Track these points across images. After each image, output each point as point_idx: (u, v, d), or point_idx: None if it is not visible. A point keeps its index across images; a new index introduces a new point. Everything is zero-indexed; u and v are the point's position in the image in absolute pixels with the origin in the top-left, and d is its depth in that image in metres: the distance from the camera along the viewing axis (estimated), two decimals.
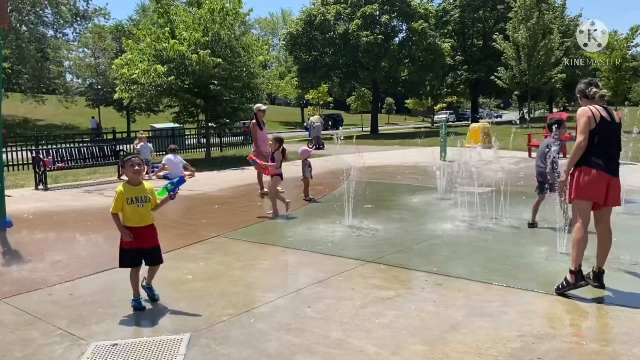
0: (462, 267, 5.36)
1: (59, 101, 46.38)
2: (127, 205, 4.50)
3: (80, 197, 10.40)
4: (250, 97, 17.25)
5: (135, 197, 4.53)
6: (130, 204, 4.51)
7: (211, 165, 15.38)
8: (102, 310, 4.45)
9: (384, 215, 8.03)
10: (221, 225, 7.59)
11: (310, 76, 36.38)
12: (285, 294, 4.71)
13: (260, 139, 10.14)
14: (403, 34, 37.17)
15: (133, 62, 15.99)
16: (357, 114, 52.23)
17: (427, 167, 12.93)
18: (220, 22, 16.15)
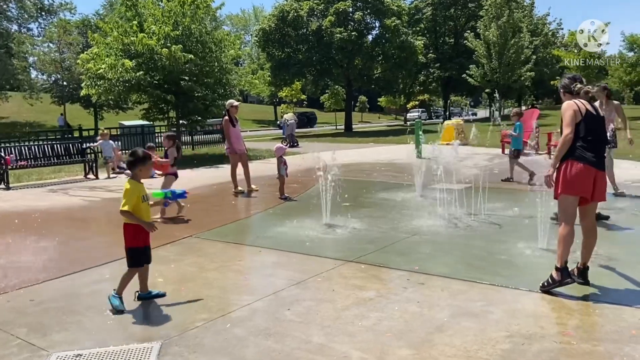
0: (443, 266, 5.22)
1: (23, 98, 44.90)
2: (141, 202, 4.33)
3: (44, 197, 9.93)
4: (223, 94, 16.86)
5: (144, 194, 4.40)
6: (143, 201, 4.37)
7: (183, 164, 14.94)
8: (66, 318, 4.15)
9: (362, 213, 7.86)
10: (193, 226, 7.31)
11: (283, 73, 36.02)
12: (263, 297, 4.49)
13: (234, 136, 9.85)
14: (376, 31, 37.18)
15: (99, 57, 15.43)
16: (330, 112, 52.09)
17: (402, 164, 12.85)
18: (191, 16, 15.73)
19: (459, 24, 51.13)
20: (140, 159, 4.34)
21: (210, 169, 14.09)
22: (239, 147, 9.90)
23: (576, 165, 4.27)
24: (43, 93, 44.71)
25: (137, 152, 4.43)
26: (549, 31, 51.15)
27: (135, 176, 4.37)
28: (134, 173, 4.39)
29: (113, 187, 11.10)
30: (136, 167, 4.34)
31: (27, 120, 45.40)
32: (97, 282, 5.04)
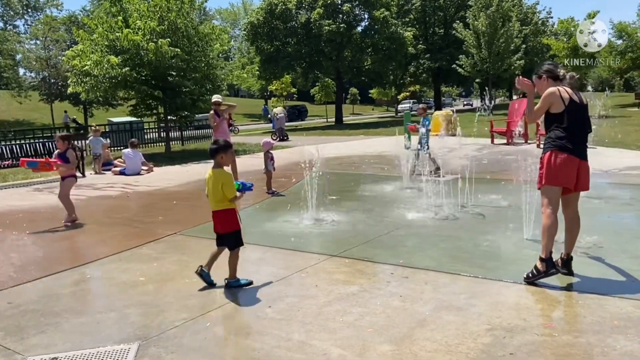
0: (428, 258, 5.19)
1: (11, 96, 44.47)
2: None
3: (29, 196, 9.82)
4: (210, 88, 16.71)
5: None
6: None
7: (171, 160, 14.87)
8: (44, 320, 4.08)
9: (349, 207, 7.81)
10: (179, 223, 7.23)
11: (272, 67, 35.81)
12: (245, 294, 4.44)
13: (220, 131, 9.78)
14: (365, 22, 37.01)
15: (85, 54, 15.23)
16: (321, 105, 51.96)
17: (391, 156, 12.80)
18: (176, 11, 15.54)
19: (448, 14, 50.97)
20: (222, 147, 4.55)
21: (199, 165, 13.98)
22: None
23: (560, 155, 4.23)
24: (31, 91, 44.28)
25: (219, 141, 4.64)
26: (539, 20, 51.17)
27: (219, 164, 4.54)
28: (217, 162, 4.53)
29: (99, 185, 10.99)
30: (219, 154, 4.51)
31: (16, 118, 44.99)
32: (77, 282, 4.97)
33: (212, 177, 4.52)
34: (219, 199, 4.49)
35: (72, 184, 7.65)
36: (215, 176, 4.49)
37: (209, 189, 4.56)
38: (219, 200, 4.50)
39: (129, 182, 11.10)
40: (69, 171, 7.58)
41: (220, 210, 4.53)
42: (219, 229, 4.60)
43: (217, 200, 4.50)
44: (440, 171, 9.84)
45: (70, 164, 7.53)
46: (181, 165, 13.80)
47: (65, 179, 7.59)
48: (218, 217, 4.56)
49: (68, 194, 7.53)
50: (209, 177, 4.56)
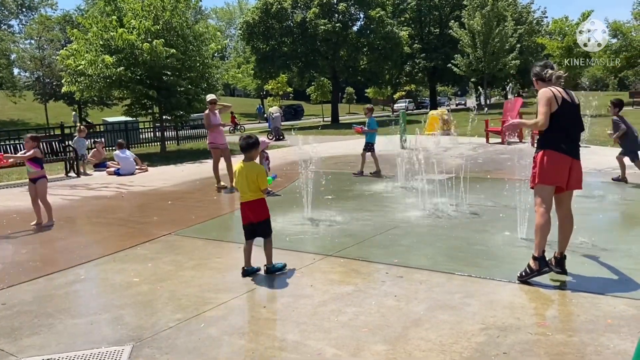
0: (423, 258, 5.20)
1: (6, 96, 44.27)
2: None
3: (23, 197, 9.73)
4: (206, 88, 16.68)
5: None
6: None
7: (166, 160, 14.84)
8: (38, 321, 4.06)
9: (344, 206, 7.81)
10: (174, 223, 7.22)
11: (268, 66, 35.76)
12: (240, 294, 4.43)
13: (215, 130, 9.77)
14: (361, 22, 37.01)
15: (79, 53, 15.17)
16: (317, 104, 51.97)
17: (386, 155, 12.82)
18: (171, 10, 15.50)
19: (443, 13, 51.06)
20: (256, 142, 4.94)
21: (194, 164, 13.96)
22: (220, 141, 9.81)
23: (552, 154, 4.25)
24: (26, 90, 44.09)
25: (252, 137, 4.98)
26: (534, 19, 51.27)
27: (250, 158, 4.89)
28: (250, 155, 4.87)
29: (94, 185, 10.96)
30: (254, 149, 4.90)
31: (10, 118, 44.82)
32: (71, 283, 4.95)
33: (245, 169, 4.81)
34: (254, 189, 4.81)
35: (46, 185, 7.55)
36: (250, 168, 4.81)
37: (241, 181, 4.82)
38: (254, 190, 4.81)
39: (123, 182, 11.07)
40: (41, 172, 7.46)
41: (255, 200, 4.84)
42: (253, 218, 4.86)
43: (252, 190, 4.81)
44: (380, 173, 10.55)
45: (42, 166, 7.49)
46: (176, 165, 13.76)
47: (37, 181, 7.41)
48: (251, 207, 4.84)
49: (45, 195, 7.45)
50: (240, 169, 4.83)
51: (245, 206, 4.87)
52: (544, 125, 4.21)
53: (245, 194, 4.85)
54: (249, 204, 4.85)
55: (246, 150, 4.86)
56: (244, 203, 4.87)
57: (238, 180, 4.88)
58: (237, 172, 4.87)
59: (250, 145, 4.84)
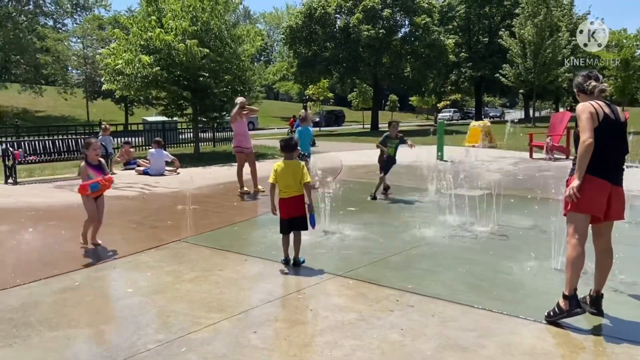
0: (441, 285, 4.70)
1: (58, 93, 45.90)
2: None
3: (48, 193, 9.79)
4: (242, 91, 16.55)
5: None
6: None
7: (198, 161, 14.75)
8: (15, 331, 3.83)
9: (365, 220, 7.36)
10: (186, 228, 6.97)
11: (309, 71, 35.59)
12: (232, 315, 4.07)
13: (240, 133, 9.60)
14: (406, 29, 36.35)
15: (118, 52, 15.33)
16: (359, 111, 51.47)
17: (421, 166, 12.24)
18: (209, 11, 15.45)
19: (493, 22, 49.67)
20: (297, 144, 5.48)
21: (223, 167, 13.77)
22: (245, 145, 9.56)
23: (588, 179, 3.69)
24: (77, 88, 45.60)
25: (294, 138, 5.51)
26: None
27: (291, 158, 5.29)
28: (291, 155, 5.27)
29: (119, 184, 10.88)
30: (294, 150, 5.37)
31: (62, 114, 46.46)
32: (64, 290, 4.71)
33: (291, 166, 5.19)
34: (299, 185, 5.16)
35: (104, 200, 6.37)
36: (294, 165, 5.21)
37: (286, 177, 5.14)
38: (299, 184, 5.16)
39: (149, 183, 10.96)
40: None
41: (299, 195, 5.19)
42: (295, 213, 5.18)
43: (298, 185, 5.16)
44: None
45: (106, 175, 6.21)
46: (204, 167, 13.62)
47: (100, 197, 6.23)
48: (295, 202, 5.17)
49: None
50: (282, 168, 5.17)
51: (289, 201, 5.17)
52: (592, 142, 3.63)
53: (289, 189, 5.16)
54: (294, 199, 5.18)
55: (287, 150, 5.28)
56: (288, 198, 5.17)
57: (281, 177, 5.16)
58: (280, 170, 5.17)
59: (292, 146, 5.32)
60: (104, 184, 6.04)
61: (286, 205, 5.22)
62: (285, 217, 5.24)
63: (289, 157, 5.32)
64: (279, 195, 5.25)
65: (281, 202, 5.24)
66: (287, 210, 5.22)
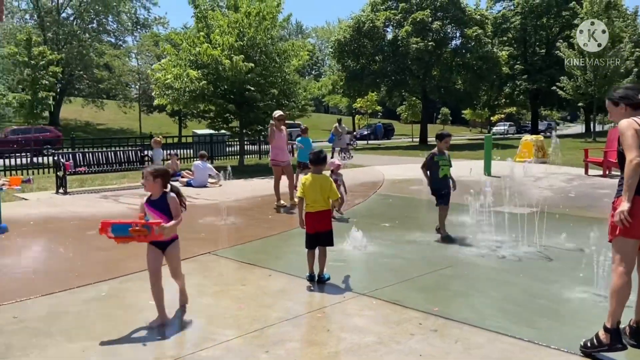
0: (469, 309, 4.43)
1: (118, 107, 48.11)
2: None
3: (94, 203, 10.11)
4: (286, 104, 16.69)
5: None
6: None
7: (241, 173, 14.89)
8: (35, 341, 3.88)
9: (399, 237, 7.12)
10: (218, 241, 6.98)
11: (357, 84, 35.53)
12: (246, 333, 3.97)
13: (277, 147, 9.58)
14: (456, 41, 35.70)
15: (168, 67, 15.83)
16: (408, 124, 50.91)
17: (467, 182, 11.84)
18: (255, 27, 15.71)
19: (551, 33, 48.00)
20: (326, 157, 5.35)
21: (263, 180, 13.81)
22: (281, 158, 9.56)
23: (636, 201, 3.37)
24: (135, 102, 47.61)
25: (323, 152, 5.35)
26: None
27: (320, 171, 5.23)
28: (320, 169, 5.23)
29: None
30: (326, 162, 5.35)
31: (121, 127, 48.61)
32: (89, 300, 4.77)
33: (319, 180, 5.10)
34: (327, 199, 5.10)
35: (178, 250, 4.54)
36: (323, 180, 5.13)
37: (313, 191, 5.05)
38: (327, 199, 5.10)
39: (190, 194, 11.10)
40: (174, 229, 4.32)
41: (326, 210, 5.12)
42: (323, 227, 5.08)
43: (325, 199, 5.09)
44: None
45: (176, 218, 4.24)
46: (246, 179, 13.73)
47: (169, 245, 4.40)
48: (322, 217, 5.08)
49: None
50: (310, 182, 5.09)
51: (316, 216, 5.06)
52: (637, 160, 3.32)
53: (316, 204, 5.06)
54: (321, 214, 5.07)
55: (317, 164, 5.20)
56: (314, 213, 5.07)
57: (309, 191, 5.08)
58: (308, 184, 5.08)
59: (321, 159, 5.21)
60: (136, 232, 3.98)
61: (312, 219, 5.10)
62: (310, 231, 5.12)
63: (317, 170, 5.23)
64: (306, 209, 5.15)
65: (307, 216, 5.13)
66: (313, 225, 5.10)
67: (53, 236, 7.36)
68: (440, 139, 7.13)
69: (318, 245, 5.15)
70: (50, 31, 42.16)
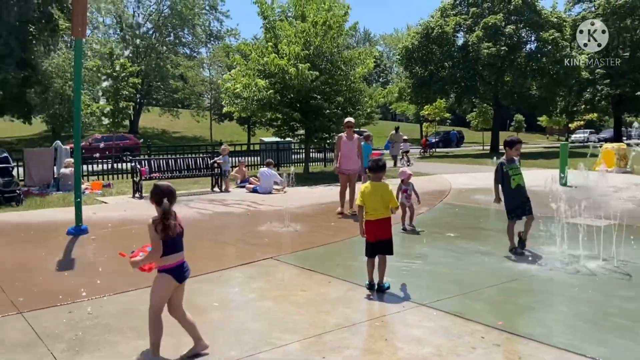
0: (536, 323, 4.23)
1: (191, 115, 50.27)
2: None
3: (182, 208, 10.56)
4: (352, 112, 16.75)
5: None
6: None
7: (306, 181, 15.08)
8: (107, 337, 4.12)
9: (464, 247, 6.93)
10: (280, 247, 7.10)
11: (425, 91, 34.98)
12: (304, 338, 4.01)
13: (342, 155, 9.62)
14: (531, 45, 34.31)
15: (237, 77, 16.36)
16: (479, 131, 49.43)
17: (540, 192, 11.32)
18: (322, 36, 15.91)
19: (635, 35, 45.01)
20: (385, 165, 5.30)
21: (326, 187, 13.90)
22: (345, 166, 9.58)
23: None
24: (207, 111, 49.57)
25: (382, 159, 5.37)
26: None
27: (380, 179, 5.20)
28: (379, 176, 5.18)
29: (230, 201, 11.48)
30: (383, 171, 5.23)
31: (194, 134, 50.73)
32: None
33: (379, 188, 5.09)
34: (387, 207, 5.05)
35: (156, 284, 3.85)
36: (384, 187, 5.11)
37: (374, 199, 5.03)
38: (387, 207, 5.06)
39: (256, 201, 11.41)
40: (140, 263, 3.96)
41: (386, 218, 5.08)
42: (381, 236, 5.04)
43: (385, 207, 5.05)
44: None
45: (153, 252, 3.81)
46: (310, 186, 13.87)
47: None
48: (383, 225, 5.05)
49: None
50: (370, 190, 5.08)
51: (376, 224, 5.03)
52: None
53: (377, 212, 5.03)
54: (381, 222, 5.04)
55: (376, 171, 5.18)
56: (375, 221, 5.03)
57: (368, 199, 5.05)
58: (367, 192, 5.07)
59: (380, 167, 5.19)
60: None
61: (372, 227, 5.07)
62: (370, 239, 5.10)
63: (376, 178, 5.20)
64: (365, 217, 5.13)
65: (367, 224, 5.10)
66: (373, 233, 5.07)
67: (129, 238, 7.78)
68: (510, 146, 6.61)
69: (378, 253, 5.10)
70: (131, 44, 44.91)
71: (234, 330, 4.22)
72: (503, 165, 6.57)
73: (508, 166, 6.54)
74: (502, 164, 6.59)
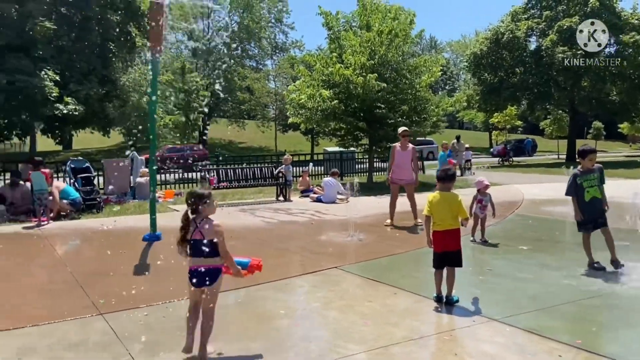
0: (618, 344, 3.96)
1: (257, 126, 51.55)
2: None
3: (233, 216, 10.84)
4: (417, 121, 16.51)
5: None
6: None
7: (370, 190, 14.98)
8: (180, 339, 4.23)
9: (538, 261, 6.62)
10: (344, 256, 7.07)
11: (494, 98, 33.88)
12: (370, 349, 3.97)
13: (394, 164, 9.59)
14: (610, 48, 32.44)
15: (302, 88, 16.59)
16: (553, 139, 47.26)
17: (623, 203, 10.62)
18: (387, 44, 15.84)
19: None
20: (455, 174, 5.28)
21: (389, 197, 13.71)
22: (397, 176, 9.48)
23: None
24: (271, 122, 50.66)
25: (452, 169, 5.37)
26: None
27: (448, 188, 5.09)
28: (448, 186, 5.08)
29: (294, 210, 11.61)
30: (454, 180, 5.17)
31: (259, 145, 52.00)
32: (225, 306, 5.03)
33: (448, 198, 5.00)
34: (455, 217, 4.95)
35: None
36: (453, 197, 5.01)
37: (442, 210, 4.95)
38: (455, 218, 4.96)
39: (319, 210, 11.47)
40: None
41: (455, 229, 4.96)
42: (449, 247, 4.95)
43: (454, 218, 4.96)
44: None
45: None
46: (376, 196, 13.76)
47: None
48: (452, 235, 4.95)
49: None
50: (437, 199, 5.00)
51: (444, 234, 4.94)
52: None
53: (444, 222, 4.94)
54: (450, 232, 4.94)
55: (444, 181, 5.09)
56: (442, 231, 4.94)
57: (436, 209, 4.97)
58: (435, 202, 5.00)
59: (450, 176, 5.10)
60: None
61: (440, 238, 4.98)
62: (438, 250, 5.01)
63: (445, 188, 5.11)
64: (433, 228, 5.03)
65: (435, 235, 5.01)
66: (441, 244, 4.98)
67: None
68: (582, 156, 6.19)
69: (446, 265, 5.00)
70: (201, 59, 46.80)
71: (299, 338, 4.24)
72: (577, 176, 6.22)
73: (582, 177, 6.16)
74: (575, 175, 6.24)
